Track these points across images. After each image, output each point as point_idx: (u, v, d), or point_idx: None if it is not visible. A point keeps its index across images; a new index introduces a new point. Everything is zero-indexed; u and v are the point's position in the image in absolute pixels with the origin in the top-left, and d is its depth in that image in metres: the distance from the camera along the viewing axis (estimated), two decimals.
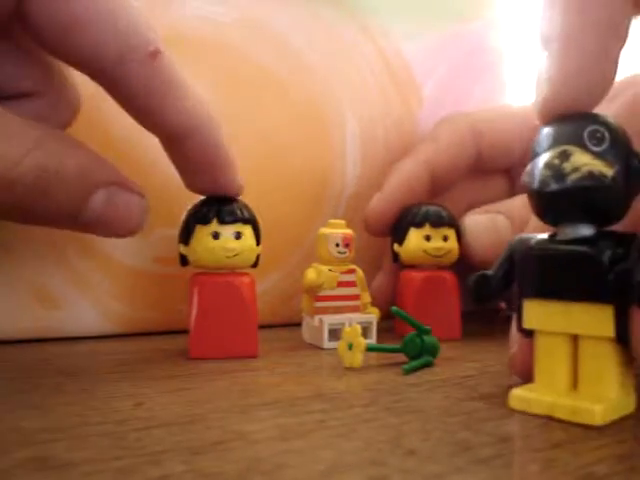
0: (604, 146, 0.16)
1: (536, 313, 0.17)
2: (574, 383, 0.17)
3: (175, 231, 0.25)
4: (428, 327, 0.23)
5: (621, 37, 0.16)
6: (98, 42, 0.20)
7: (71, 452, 0.13)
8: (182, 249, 0.24)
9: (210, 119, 0.23)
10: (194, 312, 0.24)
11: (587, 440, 0.14)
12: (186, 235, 0.24)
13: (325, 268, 0.27)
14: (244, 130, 0.32)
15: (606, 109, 0.17)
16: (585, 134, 0.16)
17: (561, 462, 0.13)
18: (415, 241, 0.29)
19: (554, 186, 0.16)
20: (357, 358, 0.22)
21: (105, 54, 0.20)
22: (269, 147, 0.33)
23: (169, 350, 0.26)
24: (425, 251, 0.28)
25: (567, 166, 0.16)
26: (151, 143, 0.24)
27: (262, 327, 0.26)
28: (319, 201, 0.34)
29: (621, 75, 0.17)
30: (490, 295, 0.19)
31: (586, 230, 0.16)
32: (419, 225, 0.29)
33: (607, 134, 0.16)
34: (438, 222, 0.28)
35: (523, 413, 0.16)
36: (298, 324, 0.29)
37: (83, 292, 0.28)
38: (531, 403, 0.16)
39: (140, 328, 0.30)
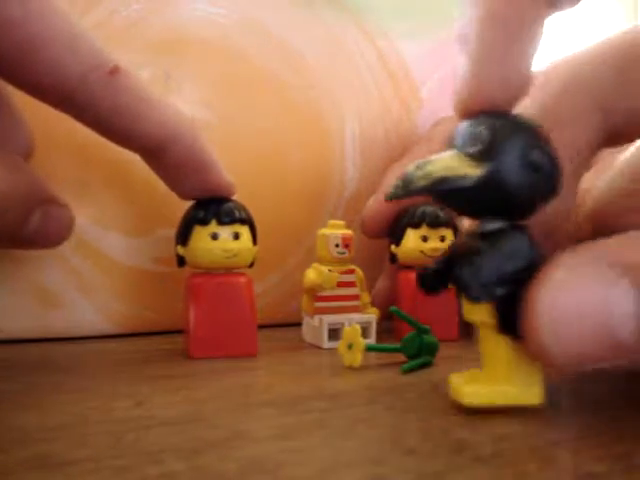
0: (479, 147, 0.16)
1: (464, 304, 0.17)
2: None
3: (174, 231, 0.25)
4: (427, 327, 0.23)
5: (536, 35, 0.17)
6: (57, 64, 0.20)
7: (71, 451, 0.13)
8: (180, 250, 0.24)
9: (184, 125, 0.23)
10: (194, 312, 0.24)
11: (586, 439, 0.14)
12: (184, 236, 0.24)
13: (325, 268, 0.27)
14: (243, 131, 0.32)
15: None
16: (468, 135, 0.16)
17: (560, 461, 0.13)
18: (412, 242, 0.28)
19: (398, 192, 0.16)
20: (357, 358, 0.22)
21: (65, 76, 0.20)
22: (268, 148, 0.33)
23: (169, 350, 0.26)
24: (422, 252, 0.28)
25: (417, 173, 0.16)
26: None
27: (262, 327, 0.26)
28: (319, 202, 0.34)
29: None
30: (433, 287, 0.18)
31: (493, 225, 0.16)
32: (416, 226, 0.28)
33: (486, 134, 0.16)
34: (435, 223, 0.28)
35: (525, 410, 0.16)
36: (298, 324, 0.29)
37: (83, 292, 0.28)
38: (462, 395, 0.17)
39: (140, 328, 0.30)
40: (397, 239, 0.29)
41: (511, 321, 0.16)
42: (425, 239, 0.28)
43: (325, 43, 0.34)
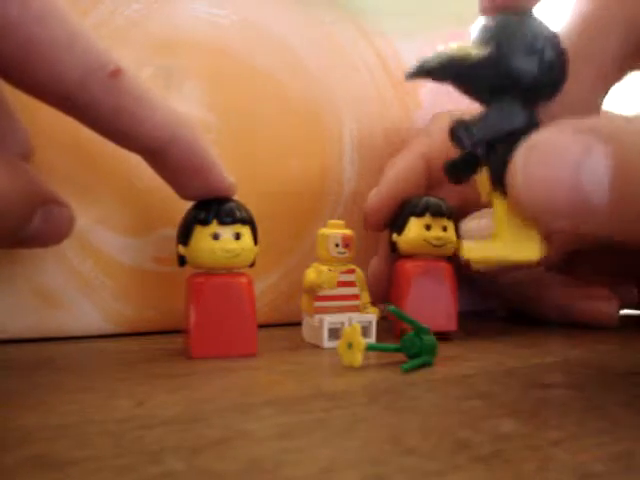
0: (484, 34, 0.18)
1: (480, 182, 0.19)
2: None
3: (175, 231, 0.25)
4: (427, 326, 0.23)
5: None
6: (56, 65, 0.20)
7: (72, 450, 0.13)
8: (181, 249, 0.24)
9: (185, 126, 0.23)
10: (194, 312, 0.24)
11: (584, 438, 0.14)
12: (185, 236, 0.24)
13: (325, 268, 0.27)
14: (242, 130, 0.32)
15: None
16: (481, 28, 0.18)
17: (559, 460, 0.13)
18: (416, 230, 0.29)
19: (414, 71, 0.19)
20: (357, 357, 0.22)
21: (65, 77, 0.20)
22: (267, 148, 0.33)
23: (169, 349, 0.26)
24: (426, 240, 0.28)
25: (432, 56, 0.18)
26: None
27: (262, 326, 0.26)
28: (318, 202, 0.34)
29: None
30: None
31: None
32: (420, 215, 0.29)
33: (491, 24, 0.18)
34: (438, 212, 0.29)
35: (525, 410, 0.16)
36: (298, 324, 0.29)
37: (83, 292, 0.28)
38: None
39: (140, 328, 0.30)
40: (399, 228, 0.29)
41: (503, 182, 0.17)
42: (428, 228, 0.28)
43: (324, 43, 0.34)
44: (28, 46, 0.19)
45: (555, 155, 0.16)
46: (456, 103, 0.39)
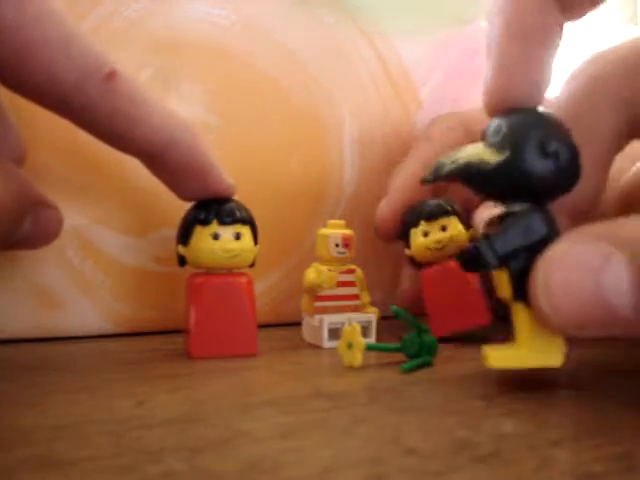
0: (498, 137, 0.18)
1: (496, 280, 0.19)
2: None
3: (175, 231, 0.25)
4: (426, 326, 0.23)
5: (549, 42, 0.19)
6: (52, 69, 0.20)
7: (72, 450, 0.13)
8: (181, 249, 0.24)
9: (182, 128, 0.22)
10: (194, 312, 0.24)
11: (585, 439, 0.14)
12: (185, 236, 0.24)
13: (325, 268, 0.27)
14: (242, 131, 0.32)
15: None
16: (491, 129, 0.19)
17: (559, 460, 0.13)
18: (417, 241, 0.29)
19: (430, 176, 0.19)
20: (357, 357, 0.22)
21: (61, 81, 0.20)
22: (268, 148, 0.33)
23: (169, 349, 0.26)
24: (427, 247, 0.28)
25: (447, 159, 0.19)
26: None
27: (262, 326, 0.26)
28: (318, 202, 0.34)
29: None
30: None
31: (514, 207, 0.19)
32: (415, 224, 0.29)
33: (504, 126, 0.18)
34: (431, 215, 0.28)
35: (525, 410, 0.16)
36: (298, 324, 0.29)
37: (83, 292, 0.28)
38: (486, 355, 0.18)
39: (140, 328, 0.30)
40: (407, 243, 0.29)
41: (525, 290, 0.17)
42: (426, 234, 0.28)
43: (324, 44, 0.34)
44: (24, 49, 0.19)
45: (576, 267, 0.16)
46: (456, 104, 0.39)
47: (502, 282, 0.19)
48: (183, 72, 0.30)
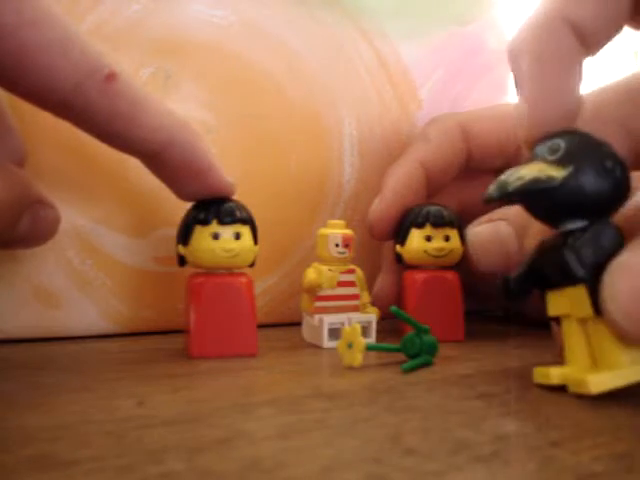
0: (558, 155, 0.19)
1: (550, 300, 0.20)
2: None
3: (175, 231, 0.25)
4: (427, 326, 0.23)
5: (576, 74, 0.20)
6: (51, 71, 0.20)
7: (73, 450, 0.13)
8: (181, 249, 0.24)
9: (181, 129, 0.23)
10: (195, 312, 0.24)
11: (585, 439, 0.14)
12: (185, 236, 0.24)
13: (325, 268, 0.27)
14: (242, 131, 0.32)
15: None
16: (545, 148, 0.19)
17: (559, 460, 0.13)
18: (416, 242, 0.28)
19: (495, 194, 0.19)
20: (357, 357, 0.22)
21: (60, 83, 0.20)
22: (267, 148, 0.33)
23: (169, 349, 0.26)
24: (426, 252, 0.28)
25: (511, 177, 0.19)
26: None
27: (262, 326, 0.26)
28: (318, 202, 0.34)
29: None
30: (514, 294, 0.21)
31: (574, 224, 0.19)
32: (420, 225, 0.28)
33: (562, 144, 0.19)
34: (439, 222, 0.28)
35: (525, 410, 0.16)
36: (298, 323, 0.29)
37: (83, 292, 0.28)
38: (550, 375, 0.19)
39: (140, 327, 0.30)
40: (402, 239, 0.29)
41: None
42: (429, 239, 0.28)
43: (324, 44, 0.34)
44: (23, 51, 0.19)
45: None
46: (456, 104, 0.39)
47: (562, 301, 0.19)
48: (183, 72, 0.30)
